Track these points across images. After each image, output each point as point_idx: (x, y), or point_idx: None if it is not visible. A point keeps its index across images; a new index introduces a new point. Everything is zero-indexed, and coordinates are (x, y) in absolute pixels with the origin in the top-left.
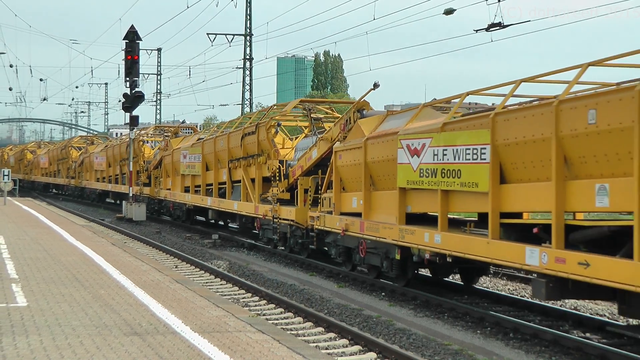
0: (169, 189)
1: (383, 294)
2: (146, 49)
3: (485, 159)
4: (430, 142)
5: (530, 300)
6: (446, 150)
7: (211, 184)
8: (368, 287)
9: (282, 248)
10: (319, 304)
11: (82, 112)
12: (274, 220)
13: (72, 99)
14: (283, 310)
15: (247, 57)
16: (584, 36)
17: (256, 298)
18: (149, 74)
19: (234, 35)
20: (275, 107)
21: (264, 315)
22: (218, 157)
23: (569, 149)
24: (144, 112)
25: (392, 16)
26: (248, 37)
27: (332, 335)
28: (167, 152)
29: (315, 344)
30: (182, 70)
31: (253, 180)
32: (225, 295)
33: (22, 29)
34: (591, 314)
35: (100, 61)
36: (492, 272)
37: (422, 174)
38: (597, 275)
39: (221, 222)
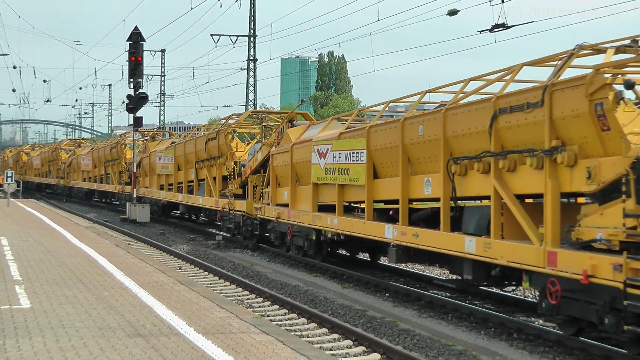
0: (147, 187)
1: (387, 294)
2: (150, 50)
3: (363, 160)
4: (332, 147)
5: (534, 301)
6: (340, 153)
7: (182, 182)
8: (372, 287)
9: (239, 236)
10: (323, 305)
11: (86, 113)
12: (230, 211)
13: (76, 100)
14: (287, 311)
15: (251, 58)
16: (587, 37)
17: (260, 299)
18: (152, 75)
19: (238, 36)
20: (233, 116)
21: (268, 316)
22: (187, 159)
23: (410, 153)
24: (148, 114)
25: (396, 17)
26: (252, 38)
27: (336, 336)
28: (145, 154)
29: (319, 345)
30: (186, 72)
31: (215, 178)
32: (229, 296)
33: (26, 30)
34: None
35: (104, 62)
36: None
37: (327, 172)
38: (423, 243)
39: (194, 217)
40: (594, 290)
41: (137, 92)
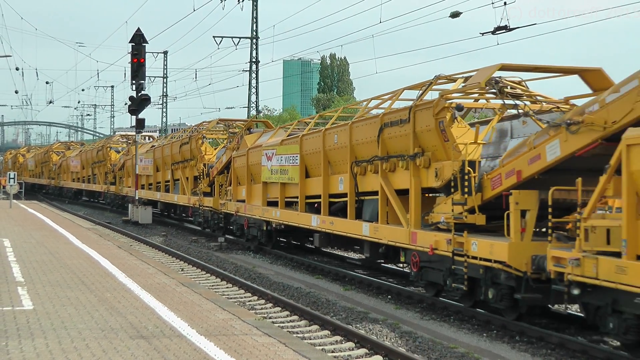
0: (130, 187)
1: (389, 296)
2: (152, 52)
3: (297, 163)
4: (276, 152)
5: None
6: (282, 157)
7: (160, 182)
8: (374, 290)
9: (208, 229)
10: (325, 307)
11: (88, 115)
12: (200, 207)
13: (78, 102)
14: (289, 313)
15: (254, 60)
16: (589, 38)
17: (262, 301)
18: (155, 77)
19: (240, 38)
20: (204, 123)
21: (270, 318)
22: (164, 161)
23: (330, 156)
24: (150, 115)
25: (398, 19)
26: (254, 40)
27: (338, 338)
28: (128, 157)
29: (321, 347)
30: (188, 73)
31: (187, 178)
32: (231, 298)
33: (28, 31)
34: None
35: (106, 64)
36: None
37: (272, 173)
38: (337, 229)
39: (173, 214)
40: (439, 260)
41: (139, 94)
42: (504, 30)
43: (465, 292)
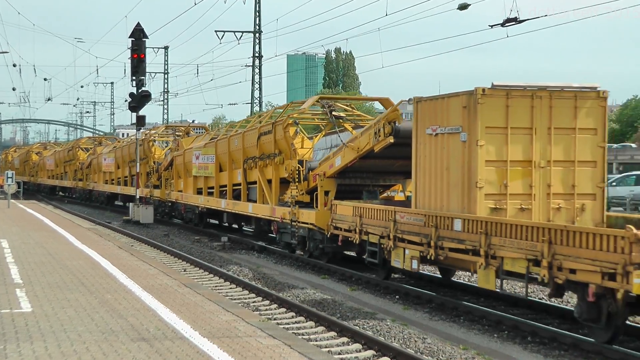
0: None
1: (397, 297)
2: (153, 47)
3: (213, 161)
4: (201, 152)
5: (547, 302)
6: (205, 156)
7: (120, 177)
8: (382, 290)
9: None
10: (331, 308)
11: (88, 112)
12: (151, 197)
13: (77, 99)
14: (294, 314)
15: (257, 54)
16: (597, 31)
17: (267, 302)
18: (155, 73)
19: (242, 32)
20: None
21: (274, 319)
22: (123, 159)
23: (232, 156)
24: (151, 112)
25: (405, 12)
26: (257, 34)
27: (344, 339)
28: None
29: (327, 349)
30: (189, 69)
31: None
32: (235, 299)
33: (26, 27)
34: None
35: (105, 60)
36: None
37: (199, 168)
38: (236, 209)
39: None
40: (286, 225)
41: (139, 90)
42: (514, 22)
43: (301, 245)
